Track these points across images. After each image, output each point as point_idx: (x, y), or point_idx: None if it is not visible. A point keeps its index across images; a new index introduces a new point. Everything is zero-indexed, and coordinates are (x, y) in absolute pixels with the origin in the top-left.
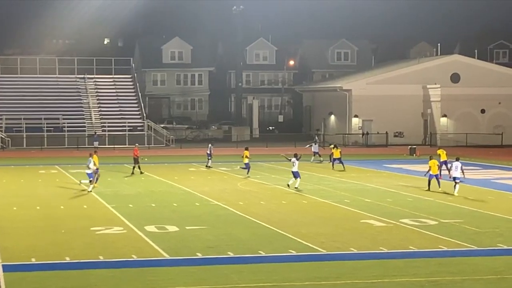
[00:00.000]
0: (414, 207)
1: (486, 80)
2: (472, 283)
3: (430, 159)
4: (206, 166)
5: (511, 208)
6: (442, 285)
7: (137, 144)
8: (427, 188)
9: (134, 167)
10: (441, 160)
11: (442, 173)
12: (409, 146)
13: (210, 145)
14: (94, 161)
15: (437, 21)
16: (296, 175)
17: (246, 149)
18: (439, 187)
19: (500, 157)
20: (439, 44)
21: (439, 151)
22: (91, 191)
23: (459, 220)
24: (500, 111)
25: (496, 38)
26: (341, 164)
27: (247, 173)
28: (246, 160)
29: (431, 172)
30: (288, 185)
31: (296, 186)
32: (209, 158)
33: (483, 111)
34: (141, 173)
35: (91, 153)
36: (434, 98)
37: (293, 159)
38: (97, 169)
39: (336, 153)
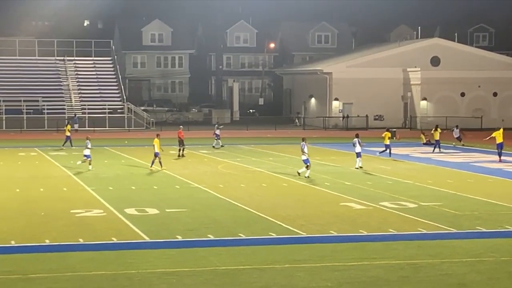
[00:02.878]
0: (393, 190)
1: (466, 63)
2: (450, 265)
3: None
4: (221, 145)
5: (490, 191)
6: (421, 267)
7: (181, 127)
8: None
9: (179, 149)
10: (497, 143)
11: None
12: (389, 129)
13: (216, 125)
14: (155, 145)
15: (417, 4)
16: (358, 155)
17: (388, 130)
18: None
19: (480, 140)
20: (419, 27)
21: (496, 134)
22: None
23: (439, 203)
24: (479, 94)
25: (476, 21)
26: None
27: (389, 155)
28: (388, 141)
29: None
30: (360, 167)
31: (360, 165)
32: (217, 138)
33: (462, 94)
34: (183, 156)
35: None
36: (414, 81)
37: (356, 140)
38: (157, 152)
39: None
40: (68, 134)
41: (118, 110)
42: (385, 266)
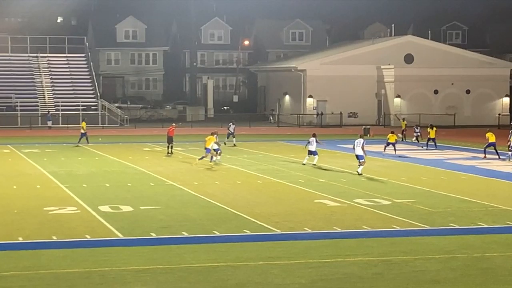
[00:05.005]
0: (367, 187)
1: (439, 61)
2: (424, 262)
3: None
4: (233, 144)
5: (463, 188)
6: (394, 264)
7: (173, 124)
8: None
9: (168, 147)
10: (490, 142)
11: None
12: (363, 127)
13: (231, 124)
14: (207, 141)
15: (391, 2)
16: (315, 153)
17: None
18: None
19: (453, 138)
20: (393, 25)
21: (488, 134)
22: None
23: (412, 200)
24: (452, 92)
25: (449, 19)
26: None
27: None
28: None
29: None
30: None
31: (315, 163)
32: (233, 136)
33: (436, 91)
34: (171, 153)
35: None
36: (387, 79)
37: (313, 139)
38: (210, 149)
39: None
40: (83, 131)
41: (92, 107)
42: (359, 263)
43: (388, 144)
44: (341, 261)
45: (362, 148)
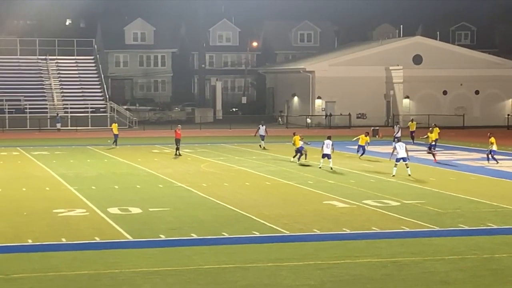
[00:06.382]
0: (376, 188)
1: (448, 61)
2: (433, 263)
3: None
4: (263, 147)
5: (473, 189)
6: (404, 265)
7: (179, 126)
8: None
9: (177, 148)
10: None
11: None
12: (372, 128)
13: (261, 125)
14: (295, 140)
15: (399, 3)
16: (329, 156)
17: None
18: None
19: (462, 138)
20: (401, 26)
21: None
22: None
23: (421, 201)
24: (461, 93)
25: (458, 20)
26: None
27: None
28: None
29: None
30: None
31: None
32: (262, 138)
33: (445, 92)
34: (179, 155)
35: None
36: (396, 80)
37: (327, 141)
38: (300, 147)
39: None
40: (116, 132)
41: (101, 109)
42: (368, 264)
43: (359, 147)
44: (350, 262)
45: (406, 151)
